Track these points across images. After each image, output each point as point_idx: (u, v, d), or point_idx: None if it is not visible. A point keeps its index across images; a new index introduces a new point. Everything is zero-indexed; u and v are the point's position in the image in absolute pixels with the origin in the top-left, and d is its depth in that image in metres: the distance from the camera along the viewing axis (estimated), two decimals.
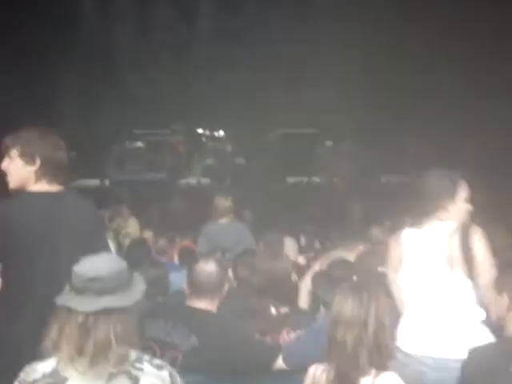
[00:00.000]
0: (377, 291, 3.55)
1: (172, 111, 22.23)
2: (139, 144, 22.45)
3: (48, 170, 4.07)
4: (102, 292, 3.09)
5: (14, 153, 4.09)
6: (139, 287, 3.26)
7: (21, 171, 4.10)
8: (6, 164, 4.14)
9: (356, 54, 21.30)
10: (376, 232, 6.57)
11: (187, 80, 22.24)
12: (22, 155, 4.07)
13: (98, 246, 3.81)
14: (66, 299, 3.11)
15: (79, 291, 3.09)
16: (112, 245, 7.62)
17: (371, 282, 4.17)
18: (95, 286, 3.08)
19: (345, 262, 5.47)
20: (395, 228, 9.55)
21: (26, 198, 4.05)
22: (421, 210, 4.46)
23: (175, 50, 22.90)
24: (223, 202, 8.06)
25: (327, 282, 5.13)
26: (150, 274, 5.79)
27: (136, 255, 7.17)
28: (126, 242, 9.44)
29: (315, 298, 5.36)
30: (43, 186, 4.08)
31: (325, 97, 20.94)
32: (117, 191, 16.62)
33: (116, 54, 22.82)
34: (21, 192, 4.10)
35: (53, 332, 3.06)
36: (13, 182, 4.13)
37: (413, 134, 20.65)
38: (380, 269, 4.60)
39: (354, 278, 4.69)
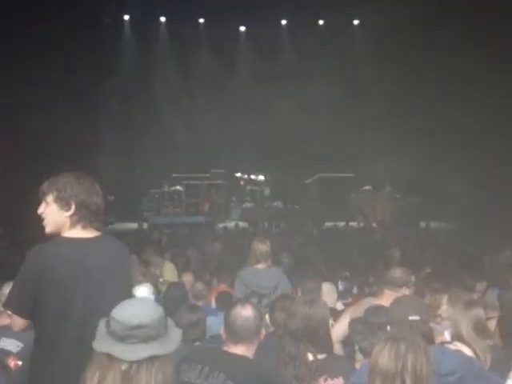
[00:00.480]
0: (415, 342, 3.50)
1: (211, 155, 22.42)
2: (178, 188, 22.60)
3: (83, 216, 4.11)
4: (145, 340, 3.09)
5: (50, 198, 4.13)
6: (176, 333, 3.26)
7: (56, 216, 4.13)
8: (42, 208, 4.18)
9: (394, 102, 21.52)
10: (413, 278, 6.47)
11: (226, 125, 22.47)
12: (58, 200, 4.11)
13: (125, 291, 3.85)
14: (108, 346, 3.10)
15: (121, 339, 3.09)
16: (150, 289, 7.66)
17: (408, 332, 4.13)
18: (139, 334, 3.08)
19: (381, 309, 5.42)
20: (432, 274, 9.52)
21: (60, 244, 4.07)
22: None
23: (215, 96, 23.18)
24: (261, 247, 8.01)
25: (364, 328, 5.09)
26: (187, 319, 5.81)
27: (173, 300, 7.19)
28: (164, 286, 9.44)
29: (352, 345, 5.32)
30: (78, 232, 4.10)
31: (363, 142, 21.05)
32: (155, 235, 16.77)
33: (156, 100, 23.18)
34: (56, 237, 4.14)
35: (93, 379, 3.05)
36: (48, 226, 4.16)
37: (451, 182, 20.64)
38: (413, 318, 4.54)
39: (388, 327, 4.64)
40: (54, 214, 4.14)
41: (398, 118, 21.68)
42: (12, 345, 4.97)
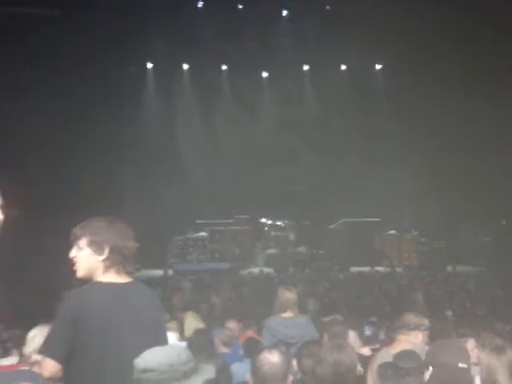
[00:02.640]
0: None
1: (235, 201, 22.46)
2: (202, 234, 22.60)
3: (117, 260, 4.11)
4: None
5: (83, 242, 4.12)
6: (200, 378, 3.24)
7: (89, 260, 4.12)
8: (74, 253, 4.17)
9: (420, 147, 21.61)
10: (426, 322, 6.36)
11: (250, 171, 22.54)
12: (91, 244, 4.11)
13: (159, 339, 3.82)
14: None
15: (136, 382, 3.14)
16: (176, 336, 7.60)
17: (446, 377, 4.07)
18: (146, 377, 3.11)
19: (410, 354, 5.34)
20: (461, 322, 9.41)
21: (96, 289, 4.05)
22: None
23: (238, 143, 23.32)
24: (287, 295, 7.95)
25: (393, 373, 5.01)
26: (210, 367, 5.74)
27: (198, 346, 7.12)
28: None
29: None
30: (112, 277, 4.10)
31: (388, 186, 21.06)
32: (180, 281, 16.73)
33: (179, 146, 23.33)
34: (90, 282, 4.12)
35: None
36: (81, 270, 4.15)
37: (479, 224, 20.59)
38: (463, 365, 4.45)
39: (427, 373, 4.56)
40: (87, 259, 4.14)
41: (424, 163, 21.69)
42: None
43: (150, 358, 3.14)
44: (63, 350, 3.93)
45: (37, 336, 5.03)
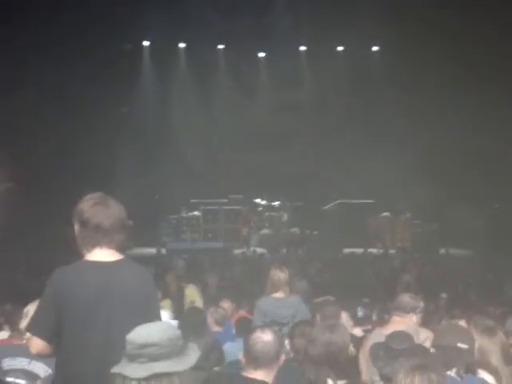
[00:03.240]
0: (442, 372, 3.45)
1: (229, 181, 22.46)
2: (196, 213, 22.62)
3: (92, 236, 4.07)
4: (155, 358, 3.13)
5: (73, 218, 4.16)
6: (193, 354, 3.27)
7: (76, 237, 4.15)
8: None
9: (414, 128, 21.62)
10: (421, 305, 6.39)
11: (245, 151, 22.52)
12: (76, 222, 4.13)
13: (151, 316, 3.82)
14: (121, 367, 3.16)
15: (132, 358, 3.15)
16: (169, 314, 7.62)
17: (446, 358, 4.10)
18: (147, 353, 3.12)
19: (403, 335, 5.37)
20: (452, 305, 9.46)
21: (81, 267, 4.06)
22: None
23: (234, 122, 23.30)
24: (279, 275, 7.97)
25: (385, 354, 5.03)
26: (201, 346, 5.77)
27: (191, 325, 7.14)
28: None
29: (373, 371, 5.26)
30: (99, 255, 4.07)
31: (383, 168, 21.07)
32: (173, 260, 16.75)
33: (175, 125, 23.31)
34: (79, 260, 4.13)
35: None
36: (77, 247, 4.20)
37: (471, 209, 20.63)
38: (461, 345, 4.49)
39: (432, 350, 4.60)
40: (75, 236, 4.16)
41: (418, 145, 21.69)
42: (41, 369, 4.95)
43: (147, 333, 3.16)
44: (49, 328, 3.96)
45: (30, 311, 5.04)
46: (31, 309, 4.97)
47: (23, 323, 5.03)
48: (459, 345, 4.45)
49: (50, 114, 18.68)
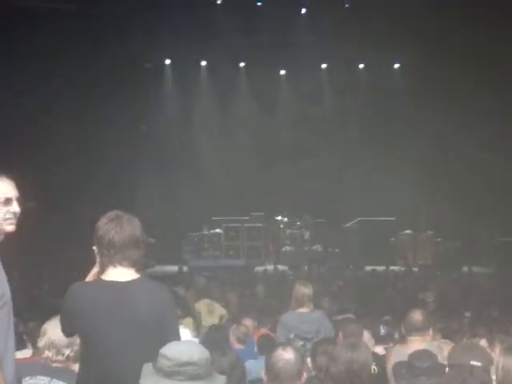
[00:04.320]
0: None
1: (251, 198, 22.50)
2: (218, 230, 22.65)
3: (104, 254, 4.08)
4: (193, 377, 3.15)
5: (93, 238, 4.18)
6: (221, 376, 3.30)
7: (96, 255, 4.18)
8: None
9: (436, 146, 21.60)
10: (452, 324, 6.39)
11: (266, 168, 22.59)
12: (94, 240, 4.13)
13: (169, 335, 3.81)
14: (155, 382, 3.16)
15: (169, 375, 3.15)
16: (191, 333, 7.64)
17: (461, 377, 4.08)
18: (187, 371, 3.13)
19: (425, 353, 5.35)
20: (475, 323, 9.40)
21: (94, 288, 4.08)
22: None
23: (255, 139, 23.37)
24: (303, 290, 8.01)
25: (407, 372, 5.02)
26: (223, 362, 5.77)
27: (214, 343, 7.15)
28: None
29: None
30: (114, 274, 4.07)
31: (405, 185, 21.02)
32: (195, 277, 16.78)
33: (196, 143, 23.41)
34: (96, 279, 4.16)
35: None
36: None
37: (492, 226, 20.54)
38: (474, 363, 4.47)
39: (447, 370, 4.58)
40: (95, 254, 4.20)
41: (440, 162, 21.65)
42: None
43: (189, 352, 3.18)
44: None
45: (48, 329, 5.06)
46: (49, 327, 5.00)
47: (41, 342, 5.04)
48: (473, 362, 4.43)
49: (73, 133, 18.85)
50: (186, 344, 3.25)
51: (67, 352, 4.95)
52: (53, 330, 4.95)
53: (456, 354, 4.61)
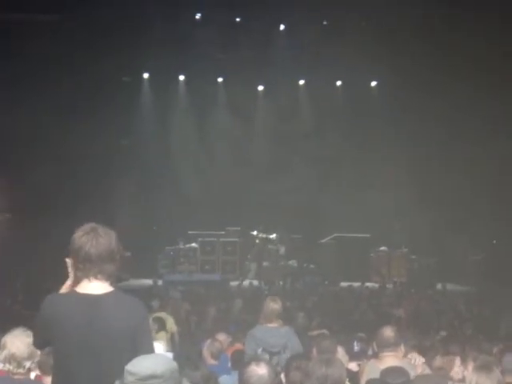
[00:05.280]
0: None
1: (227, 213, 22.51)
2: (193, 245, 22.60)
3: (78, 267, 4.07)
4: None
5: (69, 250, 4.16)
6: None
7: (68, 267, 4.16)
8: None
9: (411, 162, 21.75)
10: (425, 341, 6.43)
11: (243, 183, 22.62)
12: (70, 252, 4.11)
13: (142, 350, 3.80)
14: None
15: None
16: (164, 346, 7.61)
17: None
18: None
19: (398, 370, 5.37)
20: (448, 341, 9.44)
21: (67, 300, 4.06)
22: None
23: (232, 155, 23.38)
24: (272, 306, 8.07)
25: None
26: (196, 376, 5.76)
27: (186, 357, 7.13)
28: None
29: None
30: (88, 287, 4.06)
31: (379, 202, 21.14)
32: (169, 291, 16.73)
33: (173, 157, 23.38)
34: (69, 291, 4.15)
35: None
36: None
37: (468, 244, 20.67)
38: None
39: None
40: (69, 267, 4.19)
41: (415, 179, 21.77)
42: None
43: (152, 365, 3.17)
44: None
45: (8, 342, 5.03)
46: (8, 340, 4.98)
47: (1, 355, 5.01)
48: None
49: (49, 144, 18.76)
50: (151, 358, 3.25)
51: (28, 364, 4.95)
52: (12, 342, 4.94)
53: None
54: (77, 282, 4.11)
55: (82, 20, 19.26)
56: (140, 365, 3.19)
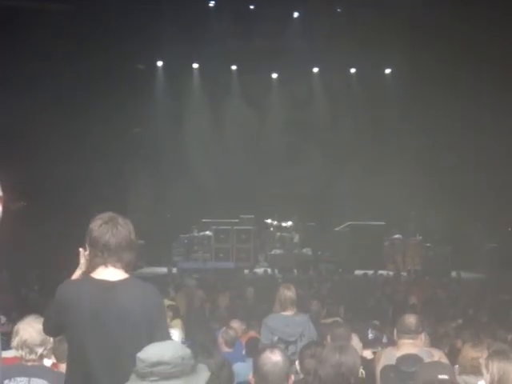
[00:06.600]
0: None
1: (241, 201, 22.50)
2: (207, 233, 22.62)
3: (96, 255, 4.10)
4: (167, 377, 3.14)
5: (85, 239, 4.18)
6: (203, 374, 3.28)
7: (87, 256, 4.18)
8: None
9: (427, 151, 21.67)
10: (439, 329, 6.43)
11: (257, 171, 22.60)
12: (86, 241, 4.15)
13: (157, 336, 3.82)
14: None
15: (142, 376, 3.16)
16: (179, 334, 7.63)
17: None
18: (159, 371, 3.13)
19: (413, 358, 5.37)
20: (464, 325, 9.42)
21: (83, 284, 4.10)
22: None
23: (246, 143, 23.37)
24: (286, 293, 8.02)
25: (395, 376, 5.03)
26: (209, 364, 5.77)
27: (201, 344, 7.15)
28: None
29: None
30: (103, 273, 4.08)
31: (394, 190, 21.06)
32: (184, 279, 16.77)
33: (187, 145, 23.35)
34: (84, 276, 4.18)
35: None
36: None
37: (485, 231, 20.57)
38: (442, 377, 4.55)
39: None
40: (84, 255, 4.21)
41: (430, 168, 21.71)
42: None
43: (160, 352, 3.18)
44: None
45: (20, 329, 5.08)
46: (21, 327, 5.02)
47: (14, 342, 5.06)
48: (440, 376, 4.51)
49: (63, 134, 18.80)
50: (161, 344, 3.26)
51: (40, 350, 4.99)
52: (24, 329, 4.98)
53: (424, 371, 4.67)
54: (93, 268, 4.13)
55: (96, 8, 19.26)
56: (148, 351, 3.21)
